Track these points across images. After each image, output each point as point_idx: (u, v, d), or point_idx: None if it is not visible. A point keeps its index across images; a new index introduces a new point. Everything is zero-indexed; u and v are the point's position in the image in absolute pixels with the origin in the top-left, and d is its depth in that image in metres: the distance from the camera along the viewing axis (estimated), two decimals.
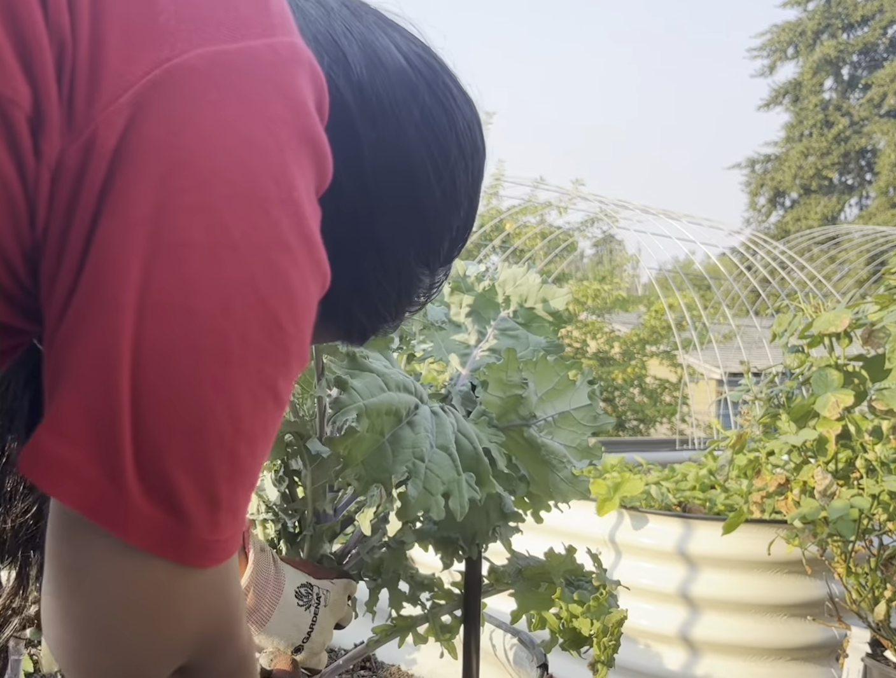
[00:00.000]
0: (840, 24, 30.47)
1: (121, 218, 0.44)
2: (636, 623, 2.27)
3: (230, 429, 0.47)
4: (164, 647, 0.52)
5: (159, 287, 0.44)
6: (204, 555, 0.49)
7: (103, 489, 0.45)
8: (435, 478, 0.89)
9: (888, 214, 27.52)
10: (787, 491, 1.87)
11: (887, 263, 1.92)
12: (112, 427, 0.44)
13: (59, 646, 0.52)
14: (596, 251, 18.09)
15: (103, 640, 0.50)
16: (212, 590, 0.53)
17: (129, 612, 0.49)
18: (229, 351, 0.46)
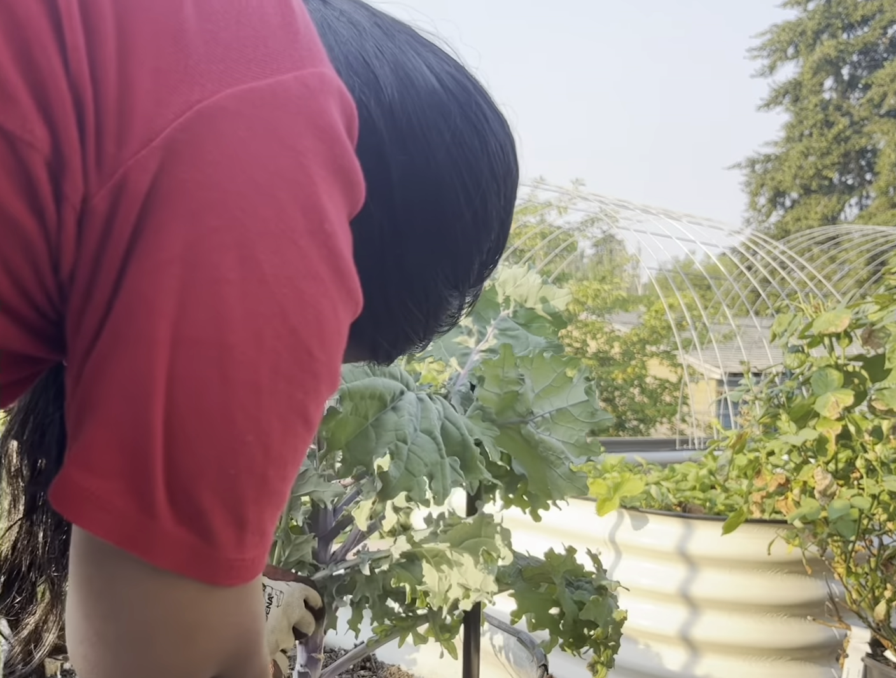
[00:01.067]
0: (840, 23, 30.47)
1: (153, 256, 0.45)
2: (636, 623, 2.27)
3: (260, 455, 0.48)
4: (194, 665, 0.53)
5: (193, 322, 0.45)
6: (231, 574, 0.50)
7: (134, 519, 0.46)
8: (417, 459, 0.90)
9: (888, 214, 27.52)
10: (787, 491, 1.87)
11: (887, 263, 1.92)
12: (144, 458, 0.45)
13: (91, 668, 0.52)
14: (596, 251, 18.10)
15: (137, 660, 0.51)
16: (238, 608, 0.54)
17: (161, 632, 0.50)
18: (260, 381, 0.47)
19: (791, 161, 30.46)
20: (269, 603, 0.93)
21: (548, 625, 1.28)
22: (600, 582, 1.29)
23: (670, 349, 11.44)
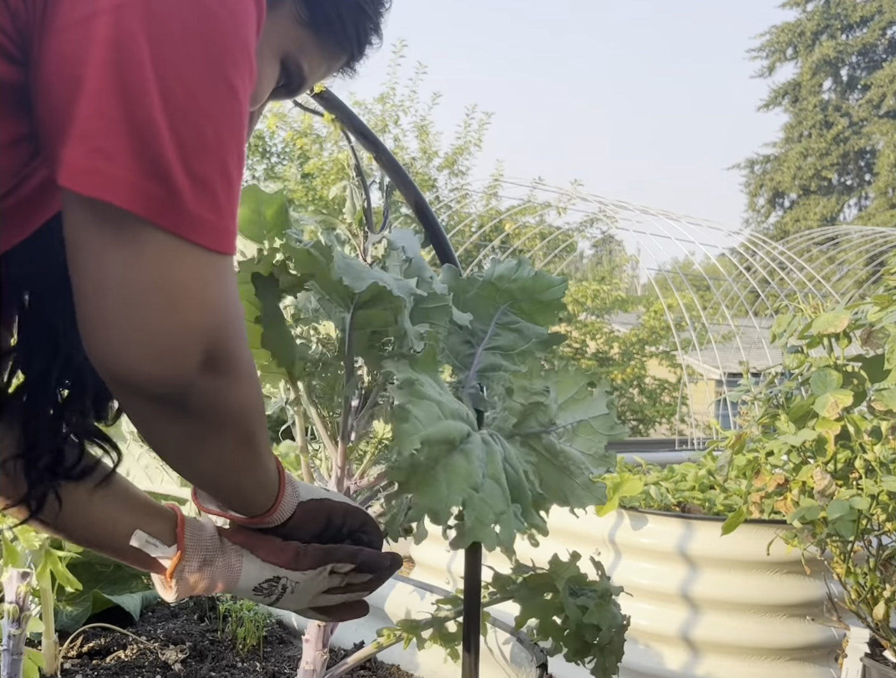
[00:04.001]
0: (839, 24, 30.48)
1: None
2: (636, 623, 2.26)
3: (194, 108, 0.60)
4: (183, 332, 0.63)
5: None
6: (195, 229, 0.61)
7: (113, 174, 0.58)
8: (487, 508, 0.90)
9: (887, 215, 27.52)
10: (787, 491, 1.87)
11: (886, 264, 1.92)
12: (142, 122, 0.58)
13: (110, 354, 0.63)
14: (595, 251, 18.10)
15: (133, 326, 0.62)
16: (214, 279, 0.64)
17: (149, 295, 0.61)
18: (174, 37, 0.59)
19: (790, 162, 30.46)
20: (283, 591, 0.93)
21: (552, 633, 1.28)
22: (604, 588, 1.29)
23: (669, 349, 11.44)
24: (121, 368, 0.64)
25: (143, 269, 0.61)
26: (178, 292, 0.62)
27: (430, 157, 12.24)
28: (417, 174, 11.70)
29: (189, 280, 0.62)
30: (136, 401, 0.69)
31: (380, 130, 11.47)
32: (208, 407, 0.69)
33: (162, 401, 0.67)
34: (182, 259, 0.61)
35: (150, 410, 0.69)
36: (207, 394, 0.68)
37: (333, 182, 11.27)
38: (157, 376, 0.64)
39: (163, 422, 0.70)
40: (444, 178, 12.47)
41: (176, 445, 0.74)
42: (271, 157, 12.34)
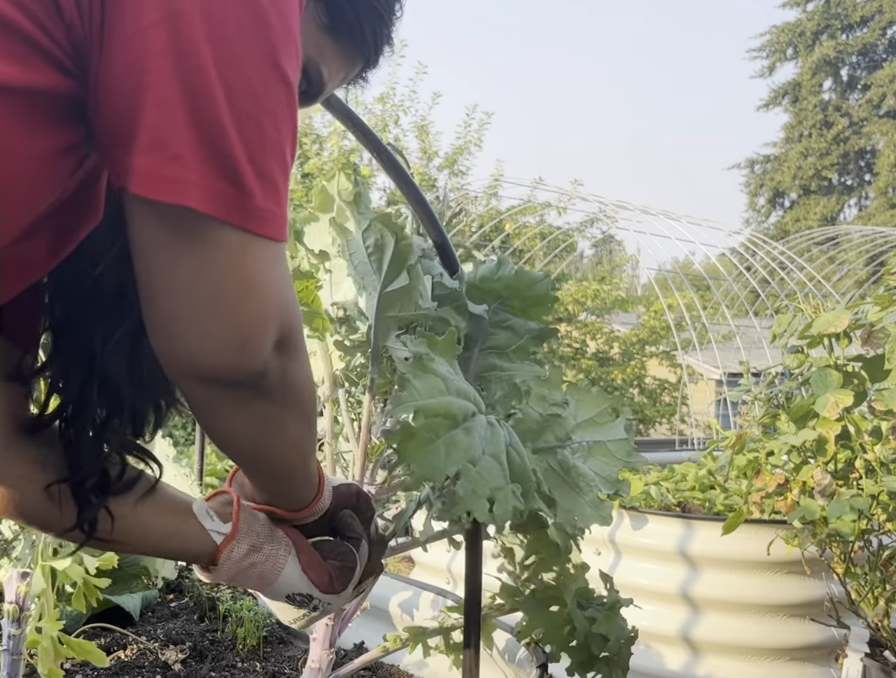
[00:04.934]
0: (839, 24, 30.46)
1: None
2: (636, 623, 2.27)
3: (251, 104, 0.61)
4: (260, 320, 0.67)
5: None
6: (264, 223, 0.64)
7: (185, 176, 0.60)
8: (483, 481, 0.91)
9: (887, 215, 27.52)
10: (787, 491, 1.87)
11: (887, 264, 1.92)
12: (211, 126, 0.60)
13: (192, 351, 0.67)
14: (595, 251, 18.10)
15: (215, 322, 0.65)
16: (277, 268, 0.68)
17: (226, 288, 0.64)
18: (231, 38, 0.60)
19: (790, 162, 30.46)
20: (314, 610, 0.97)
21: (558, 644, 1.28)
22: (613, 600, 1.29)
23: (670, 349, 11.44)
24: (204, 363, 0.67)
25: (221, 267, 0.64)
26: (252, 283, 0.66)
27: (431, 157, 12.24)
28: (417, 174, 11.71)
29: (260, 270, 0.66)
30: (213, 392, 0.72)
31: (380, 130, 11.47)
32: (280, 386, 0.73)
33: (239, 387, 0.71)
34: (254, 252, 0.64)
35: (225, 399, 0.72)
36: (280, 373, 0.72)
37: None
38: (239, 363, 0.68)
39: (236, 409, 0.74)
40: (445, 178, 12.47)
41: (244, 430, 0.77)
42: None
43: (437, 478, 0.89)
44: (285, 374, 0.73)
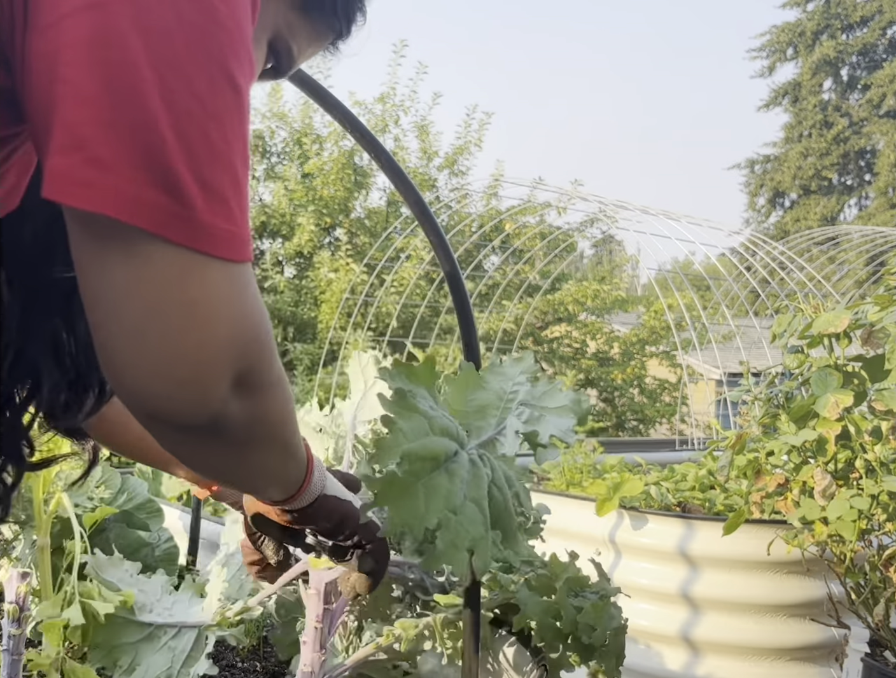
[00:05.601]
0: (839, 24, 30.46)
1: None
2: (636, 623, 2.26)
3: (199, 111, 0.55)
4: (208, 351, 0.58)
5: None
6: (211, 241, 0.56)
7: (116, 188, 0.53)
8: (464, 532, 0.88)
9: (887, 215, 27.51)
10: (787, 491, 1.87)
11: (887, 264, 1.92)
12: (140, 130, 0.53)
13: (119, 369, 0.58)
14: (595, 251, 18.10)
15: (152, 349, 0.56)
16: (235, 293, 0.59)
17: (165, 312, 0.56)
18: (170, 32, 0.54)
19: (790, 162, 30.45)
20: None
21: (551, 635, 1.28)
22: (603, 590, 1.29)
23: (670, 349, 11.44)
24: (145, 399, 0.59)
25: (155, 287, 0.56)
26: (197, 310, 0.57)
27: (431, 157, 12.24)
28: (417, 174, 11.71)
29: (208, 295, 0.57)
30: (166, 432, 0.64)
31: (380, 130, 11.47)
32: (243, 428, 0.64)
33: (193, 431, 0.62)
34: (198, 273, 0.56)
35: (181, 440, 0.64)
36: (243, 416, 0.63)
37: (333, 182, 11.27)
38: (185, 405, 0.59)
39: (195, 449, 0.66)
40: (445, 178, 12.47)
41: (210, 466, 0.71)
42: (271, 157, 12.34)
43: (417, 528, 0.84)
44: (251, 417, 0.64)
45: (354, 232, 11.61)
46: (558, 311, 11.44)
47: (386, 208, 12.22)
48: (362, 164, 11.70)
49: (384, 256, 9.32)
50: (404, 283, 10.15)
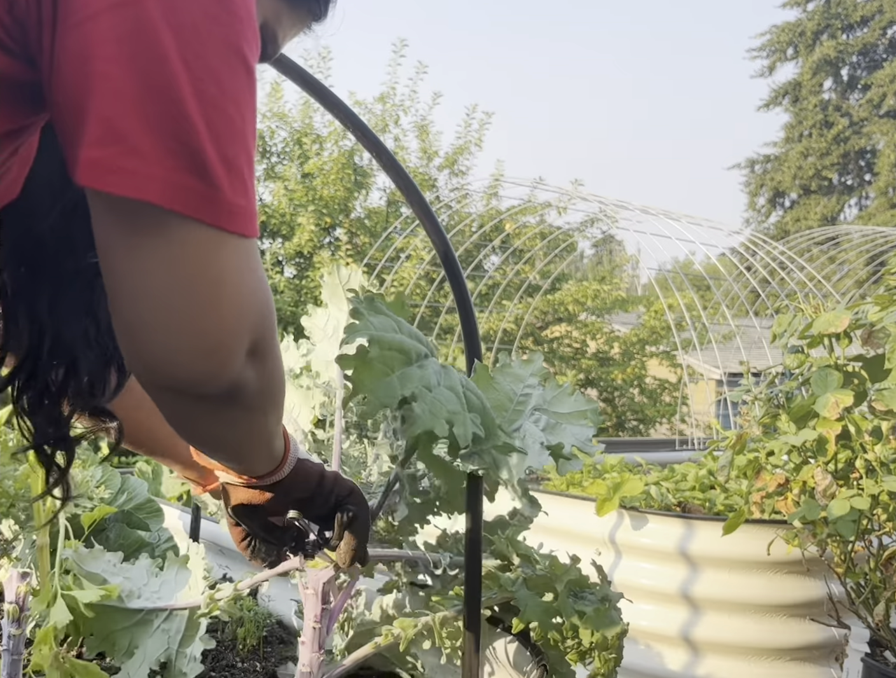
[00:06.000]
0: (839, 24, 30.45)
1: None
2: (636, 623, 2.26)
3: (217, 92, 0.58)
4: (229, 327, 0.62)
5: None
6: (233, 219, 0.60)
7: (148, 172, 0.56)
8: (440, 404, 0.91)
9: (888, 215, 27.50)
10: (787, 491, 1.87)
11: (887, 264, 1.92)
12: (168, 114, 0.56)
13: (148, 355, 0.62)
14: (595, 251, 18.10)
15: (179, 328, 0.60)
16: (249, 267, 0.63)
17: (192, 290, 0.60)
18: (197, 25, 0.57)
19: (790, 161, 30.44)
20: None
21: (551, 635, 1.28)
22: (604, 592, 1.29)
23: (670, 349, 11.44)
24: (171, 374, 0.62)
25: (186, 266, 0.59)
26: (223, 284, 0.61)
27: (431, 156, 12.24)
28: (417, 174, 11.70)
29: (231, 269, 0.61)
30: (183, 404, 0.67)
31: (380, 130, 11.46)
32: (257, 394, 0.69)
33: (212, 399, 0.66)
34: (223, 250, 0.60)
35: (196, 410, 0.68)
36: (256, 382, 0.68)
37: (333, 182, 11.27)
38: (210, 375, 0.63)
39: (208, 418, 0.70)
40: (445, 178, 12.47)
41: (216, 435, 0.75)
42: (271, 156, 12.33)
43: (392, 403, 0.88)
44: (261, 381, 0.69)
45: (354, 232, 11.61)
46: (558, 311, 11.44)
47: (386, 208, 12.21)
48: (362, 164, 11.70)
49: (384, 256, 9.32)
50: (404, 283, 10.15)
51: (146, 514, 2.43)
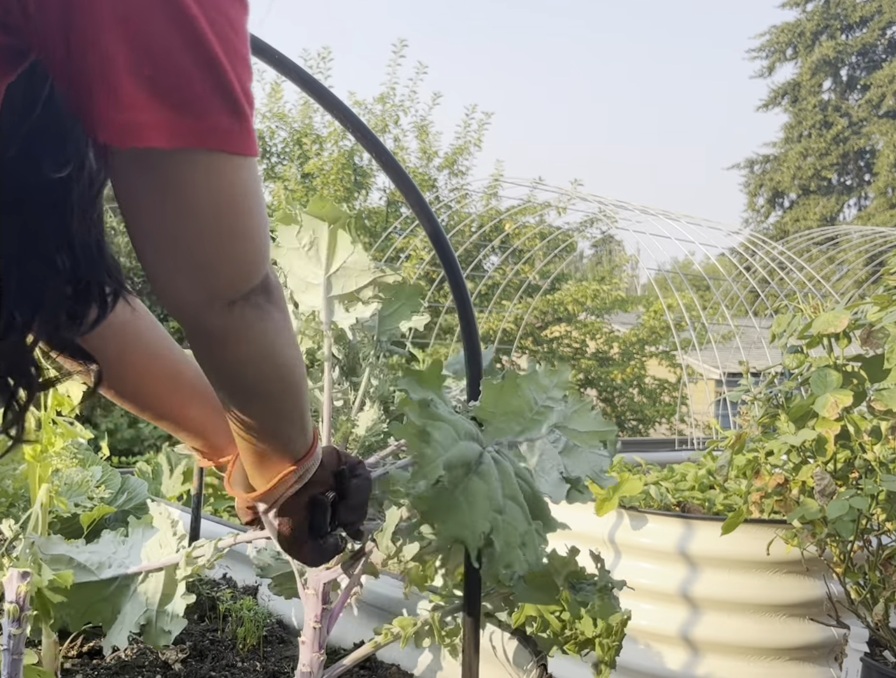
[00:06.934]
0: (839, 25, 30.46)
1: None
2: (636, 623, 2.26)
3: (229, 27, 0.60)
4: (257, 242, 0.69)
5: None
6: (253, 143, 0.63)
7: (172, 118, 0.58)
8: (513, 530, 0.88)
9: (887, 215, 27.52)
10: (786, 491, 1.87)
11: (886, 264, 1.93)
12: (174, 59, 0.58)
13: (196, 289, 0.69)
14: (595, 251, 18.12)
15: (223, 251, 0.67)
16: (259, 184, 0.69)
17: (224, 213, 0.65)
18: None
19: (790, 162, 30.46)
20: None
21: (550, 627, 1.29)
22: (604, 583, 1.29)
23: (669, 349, 11.45)
24: (214, 283, 0.68)
25: (228, 195, 0.64)
26: (247, 204, 0.67)
27: (430, 157, 12.25)
28: (417, 174, 11.71)
29: (251, 190, 0.66)
30: (222, 321, 0.72)
31: (380, 130, 11.47)
32: (277, 288, 0.76)
33: (249, 299, 0.72)
34: (249, 173, 0.65)
35: (236, 325, 0.73)
36: (279, 287, 0.75)
37: (333, 182, 11.27)
38: (247, 280, 0.70)
39: (247, 335, 0.74)
40: (444, 178, 12.47)
41: (250, 352, 0.77)
42: (271, 157, 12.34)
43: (468, 537, 0.83)
44: (274, 318, 0.75)
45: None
46: (558, 311, 11.45)
47: (386, 208, 12.22)
48: (362, 164, 11.70)
49: (384, 256, 9.32)
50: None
51: (146, 514, 2.43)
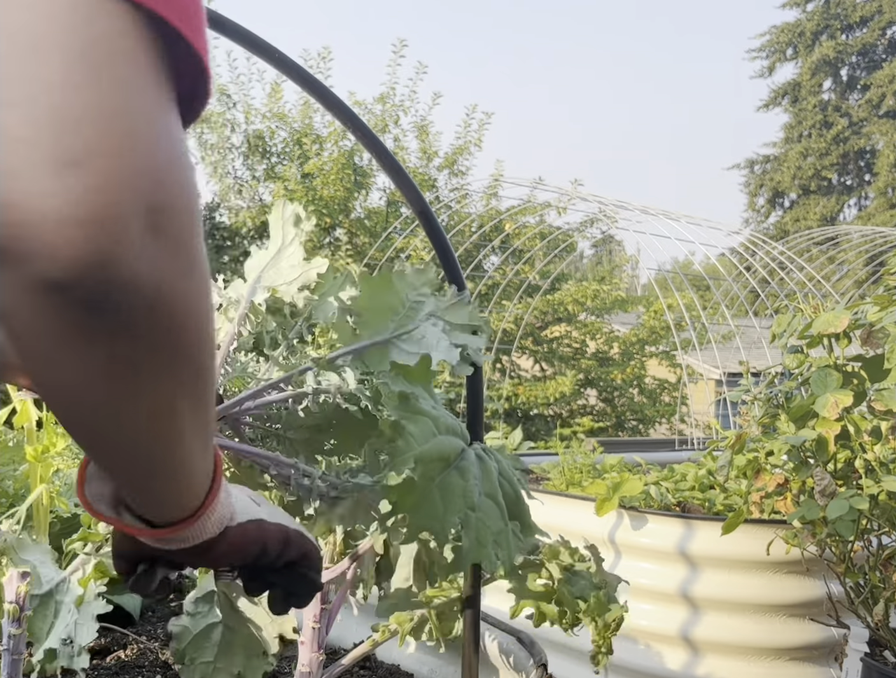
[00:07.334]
0: (839, 25, 30.46)
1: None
2: (636, 623, 2.27)
3: None
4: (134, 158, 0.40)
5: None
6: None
7: None
8: (486, 528, 0.88)
9: (887, 215, 27.52)
10: (786, 491, 1.87)
11: (886, 264, 1.93)
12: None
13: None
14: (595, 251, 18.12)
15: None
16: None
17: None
18: None
19: (790, 162, 30.46)
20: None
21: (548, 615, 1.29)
22: (601, 578, 1.29)
23: (669, 349, 11.45)
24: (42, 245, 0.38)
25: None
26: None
27: (430, 157, 12.25)
28: (417, 174, 11.71)
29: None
30: (51, 308, 0.41)
31: (380, 130, 11.47)
32: (158, 302, 0.43)
33: (89, 303, 0.40)
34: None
35: (67, 325, 0.41)
36: (155, 279, 0.42)
37: (333, 182, 11.28)
38: (91, 251, 0.38)
39: (82, 345, 0.43)
40: (444, 178, 12.47)
41: (88, 382, 0.45)
42: (271, 157, 12.33)
43: (438, 529, 0.83)
44: (161, 285, 0.42)
45: (354, 232, 11.61)
46: (558, 311, 11.44)
47: (386, 208, 12.21)
48: (362, 164, 11.70)
49: (384, 256, 9.32)
50: None
51: None
